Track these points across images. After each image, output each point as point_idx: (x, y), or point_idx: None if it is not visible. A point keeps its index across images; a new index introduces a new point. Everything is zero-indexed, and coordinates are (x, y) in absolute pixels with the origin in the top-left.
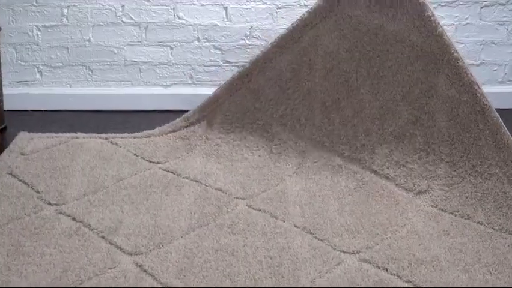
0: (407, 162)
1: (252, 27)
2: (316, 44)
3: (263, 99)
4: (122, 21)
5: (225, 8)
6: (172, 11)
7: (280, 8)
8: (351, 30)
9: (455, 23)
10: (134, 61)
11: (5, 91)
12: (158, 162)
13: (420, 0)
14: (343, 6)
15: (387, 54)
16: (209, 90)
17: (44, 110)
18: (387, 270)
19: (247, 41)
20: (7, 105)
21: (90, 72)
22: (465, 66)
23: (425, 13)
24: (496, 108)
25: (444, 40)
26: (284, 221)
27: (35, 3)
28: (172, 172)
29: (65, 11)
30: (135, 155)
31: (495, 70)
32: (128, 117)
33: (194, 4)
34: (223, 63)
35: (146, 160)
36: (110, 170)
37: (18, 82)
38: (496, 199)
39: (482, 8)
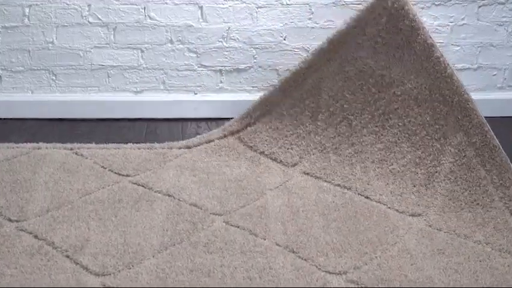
0: (403, 193)
1: (229, 28)
2: (320, 87)
3: (258, 140)
4: (89, 21)
5: (200, 8)
6: (142, 10)
7: (260, 7)
8: (356, 73)
9: (450, 24)
10: (102, 65)
11: None
12: (127, 175)
13: (428, 41)
14: (348, 48)
15: (393, 96)
16: (183, 97)
17: (4, 118)
18: None
19: (224, 43)
20: None
21: (54, 77)
22: (475, 107)
23: (433, 54)
24: (494, 117)
25: (454, 81)
26: (265, 239)
27: None
28: (142, 186)
29: (27, 10)
30: (103, 167)
31: (494, 75)
32: (95, 126)
33: (166, 3)
34: (199, 67)
35: (115, 173)
36: (75, 183)
37: None
38: (496, 226)
39: (480, 7)
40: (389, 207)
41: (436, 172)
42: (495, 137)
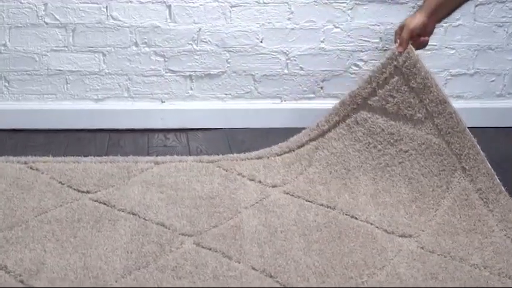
0: (394, 216)
1: (200, 29)
2: (324, 146)
3: (238, 167)
4: (45, 22)
5: (168, 7)
6: (104, 10)
7: (234, 6)
8: (364, 133)
9: (444, 24)
10: (60, 70)
11: None
12: (88, 192)
13: (440, 97)
14: (358, 110)
15: (399, 152)
16: (149, 105)
17: None
18: None
19: (194, 46)
20: None
21: (6, 84)
22: (484, 158)
23: (446, 110)
24: (492, 127)
25: (465, 136)
26: (239, 262)
27: None
28: (104, 203)
29: None
30: (60, 182)
31: (492, 81)
32: (52, 138)
33: (131, 2)
34: (166, 72)
35: (74, 189)
36: (30, 201)
37: None
38: (496, 250)
39: (476, 6)
40: (377, 227)
41: (432, 208)
42: (502, 185)
